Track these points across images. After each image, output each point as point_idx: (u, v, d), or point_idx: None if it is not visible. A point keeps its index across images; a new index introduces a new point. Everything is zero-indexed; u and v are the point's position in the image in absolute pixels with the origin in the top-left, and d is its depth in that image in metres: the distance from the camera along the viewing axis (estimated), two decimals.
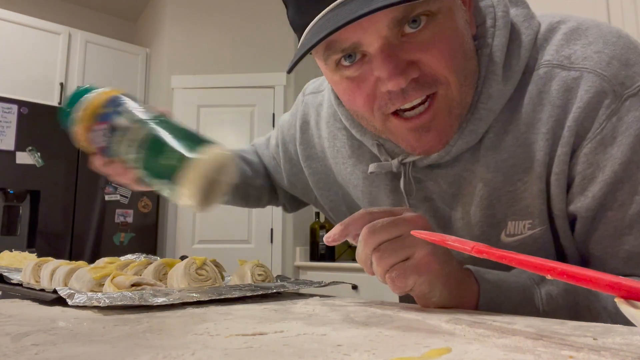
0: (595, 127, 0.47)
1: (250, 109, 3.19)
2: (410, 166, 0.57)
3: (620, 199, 0.47)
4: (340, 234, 0.46)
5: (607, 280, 0.25)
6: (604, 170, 0.47)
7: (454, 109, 0.49)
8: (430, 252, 0.43)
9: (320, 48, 0.48)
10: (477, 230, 0.54)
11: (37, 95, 2.99)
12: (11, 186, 2.61)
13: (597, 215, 0.49)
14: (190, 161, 0.46)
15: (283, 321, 0.36)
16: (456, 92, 0.48)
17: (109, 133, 0.52)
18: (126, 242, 2.91)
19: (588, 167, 0.48)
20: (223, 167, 0.49)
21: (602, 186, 0.47)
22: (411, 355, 0.24)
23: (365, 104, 0.50)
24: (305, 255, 3.05)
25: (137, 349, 0.27)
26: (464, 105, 0.50)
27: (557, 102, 0.49)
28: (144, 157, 0.50)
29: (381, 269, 0.43)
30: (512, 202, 0.52)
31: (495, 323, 0.33)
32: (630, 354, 0.24)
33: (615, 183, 0.47)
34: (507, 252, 0.30)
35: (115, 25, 3.96)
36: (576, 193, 0.49)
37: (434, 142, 0.50)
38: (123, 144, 0.51)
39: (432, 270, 0.42)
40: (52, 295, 0.47)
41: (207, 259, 0.60)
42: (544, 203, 0.51)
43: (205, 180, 0.47)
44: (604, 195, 0.47)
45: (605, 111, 0.47)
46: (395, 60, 0.45)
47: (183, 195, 0.47)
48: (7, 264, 0.94)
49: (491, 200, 0.53)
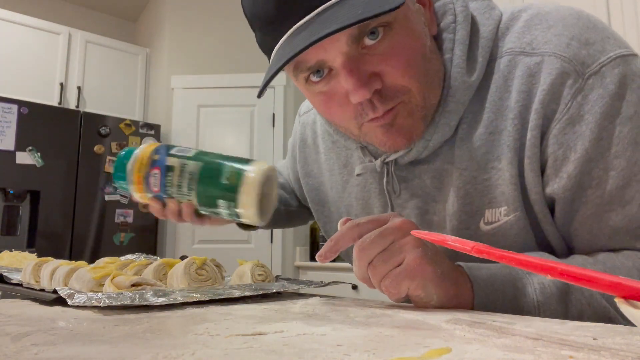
0: (561, 107, 0.48)
1: (250, 109, 3.19)
2: (393, 164, 0.59)
3: (597, 177, 0.48)
4: (331, 250, 0.46)
5: (607, 280, 0.25)
6: (575, 149, 0.48)
7: (417, 112, 0.51)
8: (420, 255, 0.43)
9: (289, 68, 0.50)
10: (455, 220, 0.55)
11: (37, 95, 2.99)
12: (11, 186, 2.61)
13: (575, 195, 0.49)
14: (244, 177, 0.53)
15: (283, 321, 0.36)
16: (419, 98, 0.50)
17: (162, 176, 0.58)
18: (126, 242, 2.91)
19: (559, 147, 0.49)
20: (272, 180, 0.55)
21: (576, 165, 0.48)
22: (411, 355, 0.24)
23: (340, 114, 0.52)
24: (305, 255, 3.05)
25: (137, 349, 0.27)
26: (429, 106, 0.52)
27: (522, 87, 0.50)
28: (200, 186, 0.56)
29: (377, 281, 0.44)
30: (488, 190, 0.53)
31: (495, 323, 0.33)
32: (630, 354, 0.24)
33: (588, 161, 0.47)
34: (507, 252, 0.30)
35: (115, 25, 3.96)
36: (551, 175, 0.50)
37: (399, 138, 0.52)
38: (176, 182, 0.58)
39: (424, 272, 0.42)
40: (52, 295, 0.47)
41: (207, 259, 0.60)
42: (517, 189, 0.51)
43: (260, 193, 0.52)
44: (580, 174, 0.48)
45: (570, 91, 0.48)
46: (357, 74, 0.47)
47: (243, 212, 0.53)
48: (7, 264, 0.94)
49: (468, 189, 0.54)
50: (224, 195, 0.54)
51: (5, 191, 2.60)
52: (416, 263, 0.42)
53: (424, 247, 0.43)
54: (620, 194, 0.47)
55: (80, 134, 2.86)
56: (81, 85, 3.24)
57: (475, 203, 0.54)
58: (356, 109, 0.50)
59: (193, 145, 3.16)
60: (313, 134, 0.75)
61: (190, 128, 3.19)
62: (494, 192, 0.53)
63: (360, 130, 0.53)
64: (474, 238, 0.54)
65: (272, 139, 3.13)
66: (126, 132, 3.00)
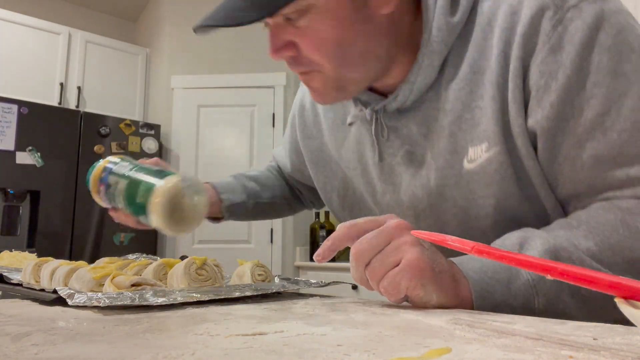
0: (542, 38, 0.50)
1: (250, 109, 3.19)
2: (382, 112, 0.62)
3: (578, 106, 0.49)
4: (329, 250, 0.46)
5: (607, 280, 0.25)
6: (557, 78, 0.49)
7: (329, 84, 0.56)
8: (417, 254, 0.42)
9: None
10: (441, 160, 0.57)
11: (37, 95, 2.99)
12: (11, 186, 2.61)
13: (558, 127, 0.50)
14: (150, 196, 0.56)
15: (283, 321, 0.36)
16: (331, 74, 0.55)
17: (105, 192, 0.67)
18: (126, 242, 2.91)
19: (541, 77, 0.50)
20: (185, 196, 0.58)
21: (558, 94, 0.49)
22: (411, 355, 0.24)
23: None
24: (305, 255, 3.05)
25: (137, 349, 0.27)
26: (345, 79, 0.56)
27: (504, 25, 0.53)
28: (125, 203, 0.62)
29: (375, 283, 0.43)
30: (472, 128, 0.55)
31: (495, 323, 0.33)
32: (630, 354, 0.24)
33: (569, 90, 0.49)
34: (507, 252, 0.30)
35: (115, 25, 3.96)
36: (534, 105, 0.51)
37: (315, 96, 0.59)
38: (114, 197, 0.65)
39: (422, 271, 0.42)
40: (52, 295, 0.47)
41: (207, 259, 0.60)
42: (498, 124, 0.53)
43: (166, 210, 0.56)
44: (561, 104, 0.49)
45: (550, 22, 0.49)
46: (274, 40, 0.54)
47: (156, 222, 0.57)
48: (7, 264, 0.94)
49: (452, 129, 0.56)
50: (140, 212, 0.58)
51: (5, 191, 2.60)
52: (414, 262, 0.42)
53: (421, 247, 0.43)
54: (600, 121, 0.48)
55: (80, 134, 2.86)
56: (81, 85, 3.24)
57: (460, 142, 0.56)
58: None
59: (193, 145, 3.16)
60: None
61: (190, 128, 3.19)
62: (477, 130, 0.55)
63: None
64: (458, 177, 0.57)
65: (272, 139, 3.13)
66: (126, 132, 3.00)
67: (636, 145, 0.48)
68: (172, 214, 0.56)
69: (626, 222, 0.47)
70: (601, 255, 0.46)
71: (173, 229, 0.57)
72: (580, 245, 0.46)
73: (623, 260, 0.46)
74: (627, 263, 0.46)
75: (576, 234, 0.47)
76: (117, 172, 0.65)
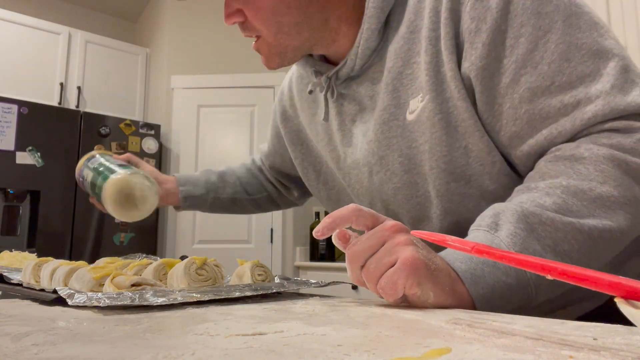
0: None
1: (250, 109, 3.19)
2: (334, 79, 0.69)
3: (509, 45, 0.53)
4: (329, 227, 0.46)
5: (607, 280, 0.25)
6: (485, 20, 0.53)
7: (273, 50, 0.66)
8: (412, 253, 0.42)
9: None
10: (387, 114, 0.63)
11: (37, 95, 3.00)
12: (11, 186, 2.61)
13: (493, 68, 0.54)
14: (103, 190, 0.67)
15: (283, 321, 0.36)
16: (271, 40, 0.64)
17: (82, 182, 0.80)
18: (126, 242, 2.91)
19: (471, 21, 0.54)
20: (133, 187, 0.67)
21: (488, 34, 0.53)
22: (411, 355, 0.24)
23: None
24: (305, 255, 3.05)
25: (137, 349, 0.27)
26: (284, 47, 0.65)
27: None
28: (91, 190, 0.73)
29: (372, 284, 0.43)
30: (411, 82, 0.60)
31: (495, 323, 0.33)
32: (630, 354, 0.24)
33: (499, 32, 0.53)
34: (507, 252, 0.30)
35: (115, 25, 3.96)
36: (468, 48, 0.55)
37: (263, 60, 0.68)
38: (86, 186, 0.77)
39: (418, 269, 0.42)
40: (52, 295, 0.47)
41: (207, 259, 0.60)
42: (429, 74, 0.57)
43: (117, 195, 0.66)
44: (492, 43, 0.53)
45: None
46: (227, 8, 0.63)
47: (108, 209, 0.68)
48: (7, 264, 0.94)
49: (395, 85, 0.62)
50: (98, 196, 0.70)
51: (5, 191, 2.61)
52: (409, 261, 0.42)
53: (415, 246, 0.43)
54: (530, 56, 0.52)
55: (80, 134, 2.86)
56: (81, 85, 3.24)
57: (402, 96, 0.61)
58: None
59: (193, 144, 3.16)
60: (289, 82, 0.85)
61: (190, 128, 3.19)
62: (415, 83, 0.60)
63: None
64: (402, 128, 0.62)
65: None
66: (126, 132, 3.01)
67: (565, 73, 0.51)
68: (120, 203, 0.66)
69: (575, 168, 0.50)
70: (567, 204, 0.48)
71: (122, 215, 0.68)
72: (545, 204, 0.48)
73: (588, 202, 0.48)
74: (592, 202, 0.48)
75: (538, 194, 0.49)
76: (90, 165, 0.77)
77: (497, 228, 0.47)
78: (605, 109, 0.50)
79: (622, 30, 1.93)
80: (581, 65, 0.51)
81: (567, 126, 0.51)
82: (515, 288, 0.45)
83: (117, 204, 0.66)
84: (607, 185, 0.48)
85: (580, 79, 0.51)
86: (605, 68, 0.51)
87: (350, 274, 0.46)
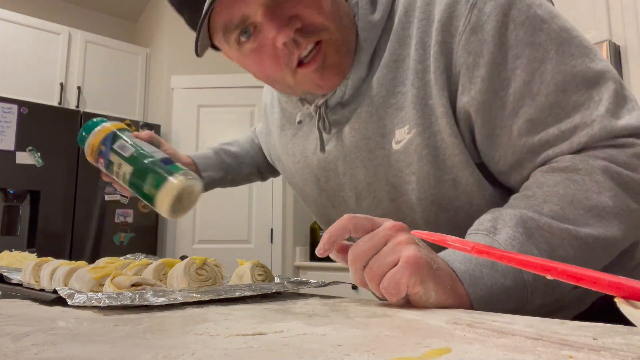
0: (462, 22, 0.54)
1: (250, 109, 3.19)
2: (324, 107, 0.65)
3: (505, 78, 0.53)
4: (329, 241, 0.46)
5: (607, 280, 0.25)
6: (482, 54, 0.53)
7: (341, 47, 0.59)
8: (414, 252, 0.42)
9: (219, 34, 0.58)
10: (372, 142, 0.62)
11: (37, 95, 3.00)
12: (11, 186, 2.61)
13: (491, 101, 0.54)
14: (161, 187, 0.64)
15: (283, 321, 0.36)
16: (337, 33, 0.58)
17: (106, 166, 0.71)
18: (126, 242, 2.91)
19: (468, 55, 0.54)
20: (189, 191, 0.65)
21: (486, 68, 0.53)
22: (411, 355, 0.24)
23: (272, 64, 0.58)
24: (305, 255, 3.05)
25: (137, 349, 0.27)
26: (349, 41, 0.60)
27: (421, 16, 0.57)
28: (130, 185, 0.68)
29: (374, 284, 0.43)
30: (396, 112, 0.60)
31: (495, 323, 0.33)
32: (630, 354, 0.24)
33: (495, 64, 0.53)
34: (507, 252, 0.30)
35: (115, 25, 3.96)
36: (466, 82, 0.55)
37: (332, 76, 0.60)
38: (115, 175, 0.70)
39: (420, 268, 0.42)
40: (52, 295, 0.47)
41: (207, 259, 0.60)
42: (416, 107, 0.57)
43: (174, 203, 0.64)
44: (490, 76, 0.53)
45: (465, 6, 0.54)
46: (278, 18, 0.54)
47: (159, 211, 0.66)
48: (7, 264, 0.94)
49: (380, 114, 0.61)
50: (146, 197, 0.66)
51: (5, 191, 2.61)
52: (412, 260, 0.42)
53: (417, 245, 0.43)
54: (528, 88, 0.53)
55: None
56: (81, 85, 3.24)
57: (388, 126, 0.60)
58: (284, 52, 0.56)
59: (193, 144, 3.16)
60: (272, 97, 0.82)
61: (190, 128, 3.19)
62: (401, 113, 0.59)
63: (295, 79, 0.59)
64: (388, 157, 0.61)
65: None
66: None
67: (561, 104, 0.52)
68: (176, 206, 0.65)
69: (572, 178, 0.51)
70: (564, 211, 0.49)
71: (172, 216, 0.66)
72: (543, 210, 0.49)
73: (584, 210, 0.49)
74: (588, 211, 0.49)
75: (536, 201, 0.50)
76: (120, 152, 0.69)
77: (496, 232, 0.48)
78: (602, 132, 0.51)
79: (622, 30, 1.93)
80: (576, 94, 0.52)
81: (565, 148, 0.53)
82: (512, 290, 0.45)
83: (173, 207, 0.64)
84: (603, 196, 0.49)
85: (575, 108, 0.52)
86: (599, 93, 0.52)
87: (352, 275, 0.46)
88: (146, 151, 0.69)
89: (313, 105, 0.66)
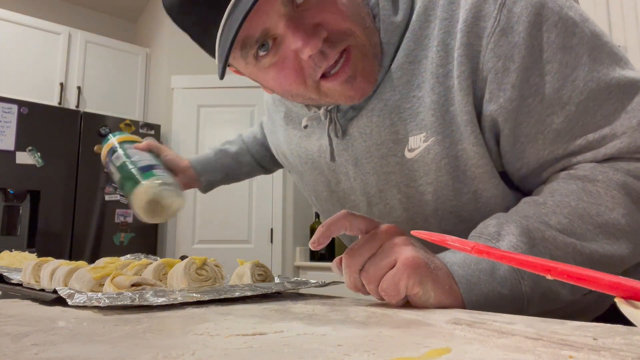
0: (491, 22, 0.50)
1: (250, 109, 3.19)
2: (336, 111, 0.61)
3: (534, 84, 0.50)
4: (323, 235, 0.46)
5: (607, 280, 0.25)
6: (513, 58, 0.49)
7: (368, 52, 0.54)
8: (411, 253, 0.42)
9: (237, 51, 0.53)
10: (384, 149, 0.58)
11: (37, 95, 2.99)
12: (11, 186, 2.61)
13: (519, 108, 0.51)
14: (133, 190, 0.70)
15: (283, 321, 0.36)
16: (364, 37, 0.53)
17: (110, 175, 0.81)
18: (126, 242, 2.91)
19: (497, 60, 0.50)
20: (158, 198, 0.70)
21: (518, 74, 0.50)
22: (411, 355, 0.24)
23: (295, 79, 0.53)
24: (305, 255, 3.05)
25: (137, 349, 0.27)
26: (375, 44, 0.55)
27: (443, 15, 0.53)
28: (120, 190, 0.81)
29: (372, 286, 0.43)
30: (411, 118, 0.55)
31: (495, 323, 0.33)
32: (630, 354, 0.24)
33: (526, 69, 0.50)
34: (507, 252, 0.30)
35: (115, 25, 3.96)
36: (495, 89, 0.51)
37: (364, 85, 0.55)
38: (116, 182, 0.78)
39: (419, 269, 0.42)
40: (52, 295, 0.47)
41: (207, 259, 0.60)
42: (436, 114, 0.53)
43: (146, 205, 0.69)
44: (521, 84, 0.50)
45: (494, 6, 0.50)
46: (303, 29, 0.49)
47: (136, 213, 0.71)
48: (7, 264, 0.94)
49: (393, 119, 0.57)
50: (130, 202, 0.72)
51: (5, 191, 2.60)
52: (409, 261, 0.42)
53: (413, 246, 0.43)
54: (557, 96, 0.50)
55: (80, 134, 2.86)
56: (81, 85, 3.24)
57: (401, 132, 0.56)
58: (308, 65, 0.51)
59: (193, 145, 3.16)
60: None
61: (190, 128, 3.19)
62: (416, 119, 0.55)
63: (320, 92, 0.55)
64: (400, 165, 0.58)
65: None
66: (126, 132, 3.01)
67: (591, 113, 0.50)
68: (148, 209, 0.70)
69: (587, 189, 0.49)
70: (572, 225, 0.47)
71: (149, 219, 0.71)
72: (550, 221, 0.48)
73: (593, 226, 0.48)
74: (597, 228, 0.48)
75: (545, 210, 0.49)
76: (114, 162, 0.78)
77: (499, 238, 0.47)
78: (631, 146, 0.49)
79: (622, 30, 1.93)
80: (607, 102, 0.49)
81: (589, 157, 0.51)
82: (508, 299, 0.45)
83: (146, 211, 0.70)
84: (615, 212, 0.48)
85: (606, 117, 0.49)
86: (631, 103, 0.49)
87: (347, 278, 0.45)
88: (132, 160, 0.76)
89: (323, 109, 0.62)
